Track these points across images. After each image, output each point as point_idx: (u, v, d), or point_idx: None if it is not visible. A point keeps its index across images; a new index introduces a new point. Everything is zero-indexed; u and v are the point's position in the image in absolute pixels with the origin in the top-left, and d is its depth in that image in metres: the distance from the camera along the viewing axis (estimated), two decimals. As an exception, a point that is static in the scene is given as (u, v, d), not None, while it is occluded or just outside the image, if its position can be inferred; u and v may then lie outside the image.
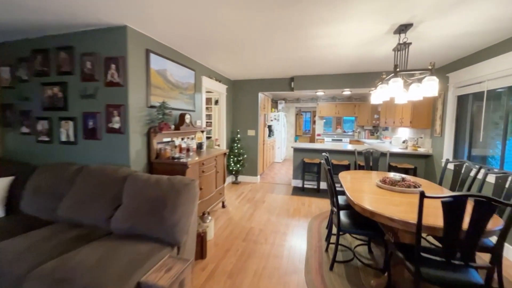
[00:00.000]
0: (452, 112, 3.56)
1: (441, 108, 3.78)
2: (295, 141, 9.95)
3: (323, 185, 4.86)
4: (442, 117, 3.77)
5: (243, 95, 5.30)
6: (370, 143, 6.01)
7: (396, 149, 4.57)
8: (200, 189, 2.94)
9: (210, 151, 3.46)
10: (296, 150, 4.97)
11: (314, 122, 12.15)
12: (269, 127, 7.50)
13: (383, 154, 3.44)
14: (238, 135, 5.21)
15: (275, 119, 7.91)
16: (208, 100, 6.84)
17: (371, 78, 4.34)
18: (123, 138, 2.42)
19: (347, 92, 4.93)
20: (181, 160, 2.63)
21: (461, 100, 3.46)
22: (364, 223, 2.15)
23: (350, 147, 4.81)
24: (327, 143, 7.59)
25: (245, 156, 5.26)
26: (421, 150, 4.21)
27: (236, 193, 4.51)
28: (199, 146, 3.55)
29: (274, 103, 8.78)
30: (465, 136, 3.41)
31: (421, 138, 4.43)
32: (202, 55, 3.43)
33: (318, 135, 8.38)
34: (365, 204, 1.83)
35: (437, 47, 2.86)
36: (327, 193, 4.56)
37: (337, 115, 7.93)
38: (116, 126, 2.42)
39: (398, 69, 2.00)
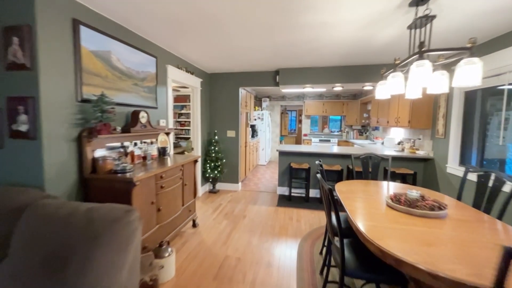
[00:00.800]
0: (459, 110, 3.11)
1: (445, 106, 3.33)
2: (281, 141, 9.41)
3: (313, 193, 4.31)
4: (446, 116, 3.32)
5: (221, 90, 4.61)
6: (361, 144, 5.56)
7: (392, 151, 4.12)
8: (158, 210, 2.23)
9: (176, 159, 2.76)
10: (282, 153, 4.37)
11: (300, 122, 11.69)
12: (252, 127, 6.87)
13: (384, 159, 2.92)
14: (216, 137, 4.52)
15: (258, 118, 7.29)
16: (186, 98, 6.08)
17: (367, 72, 3.83)
18: (33, 145, 1.66)
19: (338, 88, 4.41)
20: (127, 174, 1.91)
21: (469, 97, 3.02)
22: (375, 260, 1.57)
23: (344, 150, 4.27)
24: (315, 144, 7.09)
25: (224, 160, 4.58)
26: (421, 153, 3.76)
27: (212, 206, 3.83)
28: (162, 152, 2.83)
29: (258, 101, 8.16)
30: (473, 138, 2.97)
31: (419, 139, 4.00)
32: (165, 37, 2.70)
33: (305, 135, 7.87)
34: (387, 246, 1.23)
35: (452, 31, 2.36)
36: (316, 202, 4.00)
37: (324, 114, 7.46)
38: (23, 128, 1.66)
39: (424, 48, 1.43)
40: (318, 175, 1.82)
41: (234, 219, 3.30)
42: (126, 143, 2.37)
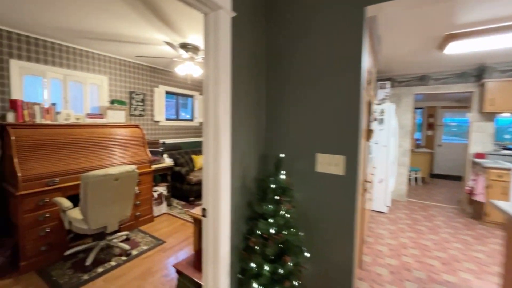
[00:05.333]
0: None
1: None
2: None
3: None
4: None
5: (308, 24, 1.45)
6: None
7: None
8: None
9: None
10: None
11: (429, 126, 7.06)
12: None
13: None
14: (282, 175, 1.37)
15: (375, 117, 3.68)
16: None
17: None
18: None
19: None
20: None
21: None
22: None
23: None
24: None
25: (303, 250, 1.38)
26: None
27: None
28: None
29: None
30: None
31: None
32: None
33: (481, 156, 3.64)
34: None
35: None
36: None
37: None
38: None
39: None
40: None
41: None
42: None
